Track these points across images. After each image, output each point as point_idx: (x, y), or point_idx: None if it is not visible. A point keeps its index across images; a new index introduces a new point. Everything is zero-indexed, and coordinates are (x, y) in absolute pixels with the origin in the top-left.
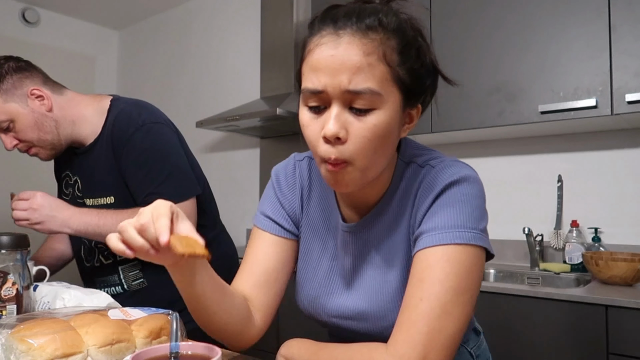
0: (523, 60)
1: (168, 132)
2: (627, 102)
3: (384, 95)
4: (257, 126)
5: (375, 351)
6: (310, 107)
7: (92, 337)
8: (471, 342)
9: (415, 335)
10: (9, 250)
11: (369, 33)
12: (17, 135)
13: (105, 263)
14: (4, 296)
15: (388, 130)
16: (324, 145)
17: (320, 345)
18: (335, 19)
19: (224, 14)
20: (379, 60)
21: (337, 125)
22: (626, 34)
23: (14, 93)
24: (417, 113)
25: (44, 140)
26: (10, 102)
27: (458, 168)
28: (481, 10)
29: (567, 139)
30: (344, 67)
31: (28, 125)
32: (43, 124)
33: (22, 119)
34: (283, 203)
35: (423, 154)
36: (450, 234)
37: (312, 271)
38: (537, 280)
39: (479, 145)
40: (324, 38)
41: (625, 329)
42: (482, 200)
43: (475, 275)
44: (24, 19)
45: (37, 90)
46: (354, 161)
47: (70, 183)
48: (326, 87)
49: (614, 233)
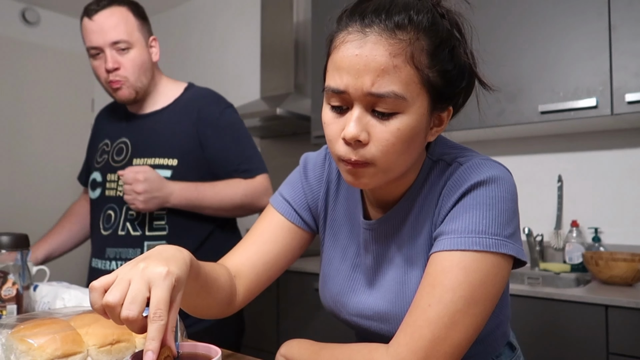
0: (523, 60)
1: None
2: (627, 102)
3: (409, 100)
4: (257, 126)
5: (376, 352)
6: (333, 106)
7: (92, 337)
8: (504, 358)
9: (419, 340)
10: (9, 250)
11: (397, 32)
12: (124, 62)
13: (132, 234)
14: (4, 296)
15: (413, 134)
16: (344, 146)
17: (320, 345)
18: (363, 14)
19: (224, 14)
20: (405, 62)
21: (358, 128)
22: (626, 34)
23: (144, 32)
24: (448, 115)
25: (139, 82)
26: (140, 33)
27: (487, 167)
28: (481, 10)
29: (567, 139)
30: (368, 69)
31: (140, 60)
32: (147, 69)
33: (139, 52)
34: (306, 192)
35: (453, 152)
36: (470, 239)
37: (335, 268)
38: (537, 280)
39: (479, 145)
40: (350, 35)
41: (625, 329)
42: (511, 203)
43: (492, 285)
44: (24, 19)
45: (155, 41)
46: (376, 163)
47: (107, 150)
48: (348, 88)
49: (614, 233)
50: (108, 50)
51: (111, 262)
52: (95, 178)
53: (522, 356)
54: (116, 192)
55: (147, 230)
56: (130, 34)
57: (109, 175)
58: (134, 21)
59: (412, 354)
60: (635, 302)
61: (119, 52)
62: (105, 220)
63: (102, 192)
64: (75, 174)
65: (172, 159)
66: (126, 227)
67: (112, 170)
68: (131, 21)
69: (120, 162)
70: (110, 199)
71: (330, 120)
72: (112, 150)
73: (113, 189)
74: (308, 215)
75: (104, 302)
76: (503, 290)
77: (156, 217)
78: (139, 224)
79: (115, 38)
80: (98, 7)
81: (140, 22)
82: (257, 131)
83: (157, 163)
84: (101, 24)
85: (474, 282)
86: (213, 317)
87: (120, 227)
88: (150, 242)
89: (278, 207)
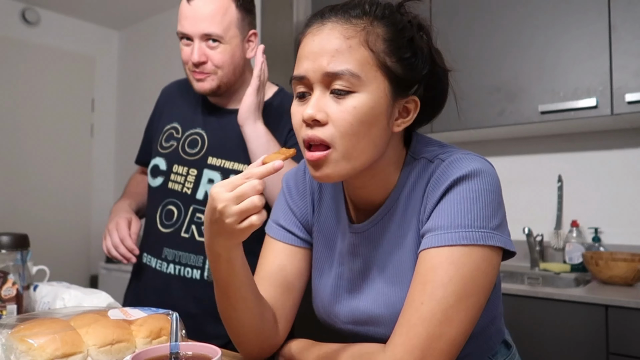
0: (523, 60)
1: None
2: (627, 102)
3: (364, 79)
4: None
5: (374, 352)
6: (298, 96)
7: (92, 337)
8: (500, 356)
9: (414, 339)
10: (9, 250)
11: (352, 20)
12: (213, 56)
13: (197, 240)
14: (4, 296)
15: (371, 115)
16: (306, 129)
17: (320, 345)
18: (322, 13)
19: None
20: (360, 44)
21: (316, 108)
22: (626, 34)
23: (245, 26)
24: (415, 107)
25: (226, 76)
26: (237, 29)
27: (469, 161)
28: (481, 10)
29: (567, 139)
30: (324, 50)
31: (231, 57)
32: (238, 66)
33: (232, 48)
34: (294, 211)
35: (434, 149)
36: (457, 234)
37: (325, 277)
38: (537, 280)
39: (479, 145)
40: (310, 29)
41: (625, 329)
42: (495, 195)
43: (482, 278)
44: (24, 19)
45: (254, 36)
46: (334, 144)
47: (177, 137)
48: (307, 72)
49: (614, 233)
50: (197, 40)
51: (169, 265)
52: (159, 165)
53: (517, 354)
54: (183, 187)
55: None
56: (227, 29)
57: (175, 166)
58: (235, 13)
59: (409, 354)
60: (635, 302)
61: (209, 44)
62: (165, 216)
63: (164, 182)
64: (75, 174)
65: (245, 165)
66: (191, 230)
67: (181, 162)
68: (231, 13)
69: (193, 156)
70: (173, 193)
71: (294, 109)
72: (183, 138)
73: (179, 183)
74: (303, 233)
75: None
76: (494, 283)
77: None
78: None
79: (207, 30)
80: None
81: (242, 14)
82: None
83: (233, 167)
84: (197, 11)
85: (465, 277)
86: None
87: (184, 229)
88: None
89: (274, 234)
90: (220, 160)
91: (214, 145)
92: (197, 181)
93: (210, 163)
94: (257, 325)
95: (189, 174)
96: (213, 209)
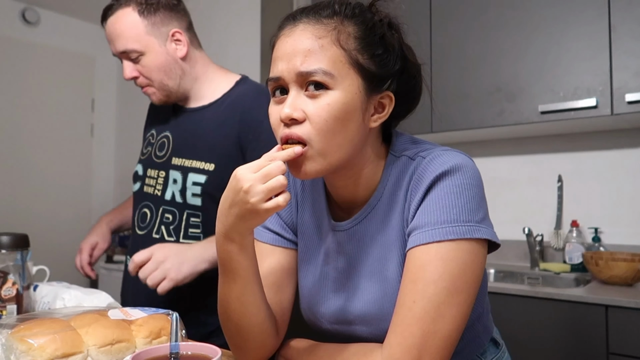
0: (523, 60)
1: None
2: (627, 102)
3: (337, 77)
4: None
5: (371, 354)
6: (274, 96)
7: (92, 337)
8: (489, 355)
9: (410, 338)
10: (9, 250)
11: (323, 20)
12: (141, 69)
13: (166, 239)
14: (4, 296)
15: (345, 111)
16: (284, 129)
17: (319, 345)
18: (294, 15)
19: (224, 14)
20: (331, 43)
21: (292, 107)
22: (626, 34)
23: (159, 29)
24: (390, 103)
25: (165, 84)
26: (150, 36)
27: (449, 157)
28: (481, 10)
29: (567, 139)
30: (296, 51)
31: (156, 65)
32: (170, 70)
33: (153, 56)
34: (279, 212)
35: (414, 147)
36: (443, 229)
37: (309, 277)
38: (537, 280)
39: (479, 145)
40: (283, 30)
41: (625, 329)
42: (477, 189)
43: (471, 272)
44: (24, 19)
45: (179, 34)
46: (310, 141)
47: (152, 142)
48: (282, 73)
49: (614, 233)
50: (124, 60)
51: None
52: (138, 170)
53: (507, 352)
54: (154, 189)
55: (181, 237)
56: (138, 40)
57: (149, 170)
58: (141, 23)
59: (406, 354)
60: (635, 302)
61: (133, 60)
62: (140, 219)
63: (141, 186)
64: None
65: (210, 164)
66: (161, 231)
67: (152, 166)
68: (137, 24)
69: (161, 158)
70: (147, 196)
71: (271, 110)
72: (156, 143)
73: (151, 185)
74: (289, 234)
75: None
76: (482, 277)
77: (192, 225)
78: (174, 229)
79: (123, 48)
80: (108, 12)
81: (150, 20)
82: None
83: (194, 166)
84: (110, 32)
85: (454, 272)
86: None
87: (155, 230)
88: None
89: (262, 238)
90: (181, 160)
91: (178, 146)
92: (165, 182)
93: (174, 163)
94: (261, 321)
95: (158, 177)
96: (237, 190)
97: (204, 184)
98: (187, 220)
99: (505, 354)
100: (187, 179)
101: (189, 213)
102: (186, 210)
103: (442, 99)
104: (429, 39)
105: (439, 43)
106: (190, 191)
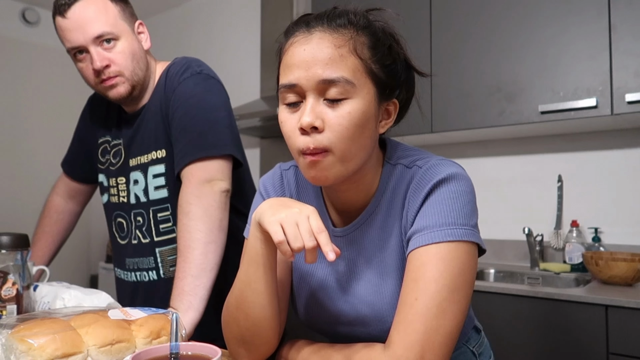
0: (523, 60)
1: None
2: (627, 102)
3: (357, 86)
4: (257, 126)
5: (374, 352)
6: (288, 104)
7: (92, 337)
8: (472, 341)
9: (412, 335)
10: (9, 250)
11: (339, 29)
12: (113, 57)
13: (143, 242)
14: (4, 296)
15: (364, 119)
16: (301, 137)
17: (320, 345)
18: (307, 21)
19: (224, 14)
20: (350, 52)
21: (312, 116)
22: (626, 34)
23: (128, 17)
24: (395, 109)
25: (136, 74)
26: (123, 22)
27: (445, 166)
28: (481, 10)
29: (567, 139)
30: (316, 60)
31: (130, 51)
32: (140, 59)
33: (127, 42)
34: None
35: (409, 155)
36: (443, 231)
37: (306, 281)
38: (537, 280)
39: (479, 145)
40: (296, 38)
41: (625, 329)
42: (471, 196)
43: (468, 272)
44: (24, 19)
45: (142, 26)
46: (333, 148)
47: (108, 150)
48: (300, 80)
49: (614, 233)
50: (92, 47)
51: (131, 274)
52: (102, 182)
53: (485, 337)
54: (119, 198)
55: (155, 236)
56: (114, 24)
57: (111, 180)
58: (114, 8)
59: (409, 350)
60: (635, 302)
61: (105, 47)
62: (118, 229)
63: (108, 197)
64: None
65: (161, 150)
66: (137, 235)
67: (112, 174)
68: (111, 9)
69: (117, 165)
70: (117, 206)
71: (285, 117)
72: (112, 150)
73: (115, 195)
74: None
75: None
76: (475, 276)
77: (161, 220)
78: (146, 230)
79: (98, 32)
80: (70, 1)
81: (121, 7)
82: (257, 131)
83: (150, 159)
84: (77, 19)
85: (454, 271)
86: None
87: (132, 235)
88: (160, 248)
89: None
90: (136, 159)
91: (130, 149)
92: (127, 187)
93: (132, 165)
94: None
95: (118, 184)
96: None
97: (165, 172)
98: (155, 218)
99: (484, 339)
100: (148, 174)
101: (155, 210)
102: (151, 208)
103: (442, 99)
104: (429, 39)
105: (439, 43)
106: (153, 185)
